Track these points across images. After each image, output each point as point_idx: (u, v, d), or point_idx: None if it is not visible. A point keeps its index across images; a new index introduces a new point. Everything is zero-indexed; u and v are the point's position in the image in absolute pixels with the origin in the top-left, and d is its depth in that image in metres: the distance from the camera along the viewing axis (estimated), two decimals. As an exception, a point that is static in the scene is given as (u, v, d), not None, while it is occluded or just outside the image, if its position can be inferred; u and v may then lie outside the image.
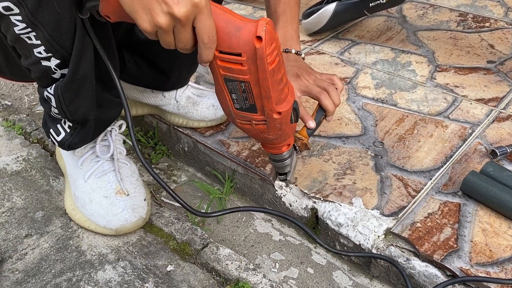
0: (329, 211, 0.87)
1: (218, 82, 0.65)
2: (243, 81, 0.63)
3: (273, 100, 0.65)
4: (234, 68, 0.61)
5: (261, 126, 0.69)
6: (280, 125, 0.70)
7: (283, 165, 0.82)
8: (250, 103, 0.66)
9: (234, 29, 0.59)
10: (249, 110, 0.67)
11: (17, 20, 0.68)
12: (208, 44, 0.59)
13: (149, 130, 1.16)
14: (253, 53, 0.59)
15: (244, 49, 0.59)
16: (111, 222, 0.88)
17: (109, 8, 0.62)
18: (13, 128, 1.17)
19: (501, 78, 1.22)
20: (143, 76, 1.02)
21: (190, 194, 1.03)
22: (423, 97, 1.16)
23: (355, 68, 1.28)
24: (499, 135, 1.03)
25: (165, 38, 0.60)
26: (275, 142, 0.74)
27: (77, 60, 0.74)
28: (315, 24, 1.40)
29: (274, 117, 0.68)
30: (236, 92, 0.65)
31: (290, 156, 0.80)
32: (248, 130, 0.71)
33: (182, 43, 0.60)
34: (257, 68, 0.60)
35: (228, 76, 0.63)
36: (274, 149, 0.77)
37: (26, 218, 0.94)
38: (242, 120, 0.69)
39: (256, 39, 0.58)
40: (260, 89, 0.63)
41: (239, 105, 0.67)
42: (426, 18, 1.54)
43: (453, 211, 0.86)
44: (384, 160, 0.97)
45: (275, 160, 0.81)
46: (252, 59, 0.60)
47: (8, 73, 0.88)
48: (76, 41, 0.72)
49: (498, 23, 1.49)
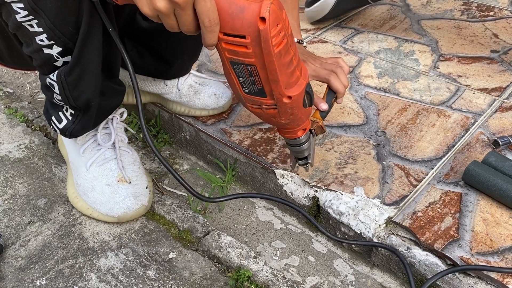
0: (331, 200, 0.88)
1: (225, 65, 0.63)
2: (249, 64, 0.60)
3: (281, 84, 0.63)
4: (239, 51, 0.59)
5: (272, 111, 0.66)
6: (292, 110, 0.67)
7: (301, 150, 0.79)
8: (259, 87, 0.64)
9: (238, 10, 0.56)
10: (258, 94, 0.65)
11: (19, 7, 0.67)
12: (209, 28, 0.57)
13: (151, 118, 1.16)
14: (257, 35, 0.57)
15: (248, 31, 0.57)
16: (113, 209, 0.89)
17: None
18: (15, 116, 1.18)
19: (504, 68, 1.21)
20: (145, 65, 1.02)
21: (192, 183, 1.03)
22: (426, 87, 1.15)
23: (358, 57, 1.27)
24: (502, 125, 1.02)
25: (167, 21, 0.59)
26: (288, 126, 0.71)
27: (83, 44, 0.73)
28: (318, 12, 1.39)
29: (284, 102, 0.65)
30: (243, 75, 0.62)
31: (308, 140, 0.77)
32: (259, 114, 0.68)
33: (185, 26, 0.59)
34: (262, 50, 0.58)
35: (234, 59, 0.61)
36: (290, 133, 0.74)
37: (28, 205, 0.95)
38: (252, 104, 0.67)
39: (259, 20, 0.56)
40: (267, 73, 0.61)
41: (248, 89, 0.65)
42: (430, 7, 1.52)
43: (454, 201, 0.86)
44: (386, 150, 0.97)
45: (292, 145, 0.78)
46: (256, 41, 0.57)
47: (10, 61, 0.88)
48: (83, 26, 0.71)
49: (502, 12, 1.48)
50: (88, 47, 0.74)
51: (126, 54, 0.70)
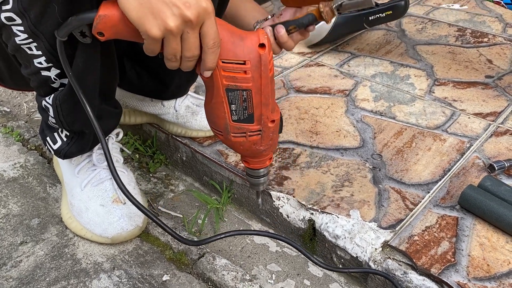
0: (327, 223, 0.87)
1: (218, 94, 0.66)
2: (246, 89, 0.65)
3: (270, 107, 0.68)
4: (238, 77, 0.64)
5: (255, 137, 0.71)
6: (273, 134, 0.72)
7: (258, 182, 0.80)
8: (249, 113, 0.68)
9: (238, 39, 0.63)
10: (246, 120, 0.68)
11: (19, 30, 0.67)
12: (212, 49, 0.60)
13: (147, 139, 1.16)
14: (257, 60, 0.63)
15: (249, 57, 0.63)
16: (107, 230, 0.88)
17: (107, 23, 0.60)
18: (11, 135, 1.17)
19: (499, 93, 1.23)
20: (143, 85, 1.02)
21: (188, 204, 1.03)
22: (421, 111, 1.16)
23: (354, 80, 1.29)
24: (497, 149, 1.03)
25: (172, 45, 0.60)
26: (264, 153, 0.74)
27: (79, 76, 0.72)
28: (315, 36, 1.40)
29: (268, 126, 0.70)
30: (237, 102, 0.66)
31: (267, 174, 0.80)
32: (240, 143, 0.71)
33: (190, 50, 0.60)
34: (261, 74, 0.64)
35: (231, 86, 0.65)
36: (259, 163, 0.76)
37: (21, 225, 0.94)
38: (237, 133, 0.70)
39: (259, 47, 0.62)
40: (261, 97, 0.66)
41: (237, 116, 0.68)
42: (425, 33, 1.55)
43: (450, 225, 0.86)
44: (382, 173, 0.97)
45: (254, 176, 0.79)
46: (256, 66, 0.63)
47: (10, 82, 0.88)
48: (78, 58, 0.71)
49: (496, 39, 1.50)
50: (85, 78, 0.74)
51: (95, 120, 0.70)
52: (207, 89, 0.68)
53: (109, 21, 0.60)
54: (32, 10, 0.65)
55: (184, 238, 0.82)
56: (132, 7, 0.57)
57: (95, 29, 0.61)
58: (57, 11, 0.65)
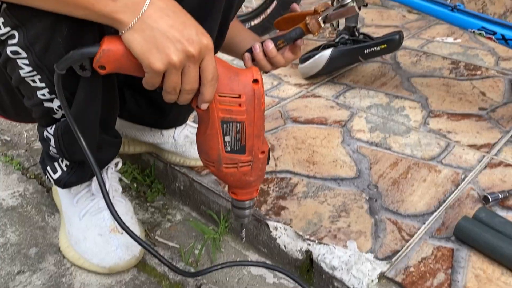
0: (324, 253, 0.88)
1: (213, 126, 0.69)
2: (240, 121, 0.68)
3: (261, 139, 0.71)
4: (233, 109, 0.67)
5: (246, 168, 0.73)
6: (262, 165, 0.74)
7: (244, 214, 0.80)
8: (242, 144, 0.71)
9: (234, 74, 0.67)
10: (239, 151, 0.71)
11: (24, 63, 0.69)
12: (211, 82, 0.63)
13: (146, 168, 1.17)
14: (252, 94, 0.67)
15: (244, 91, 0.67)
16: (105, 260, 0.88)
17: (111, 57, 0.62)
18: (11, 163, 1.18)
19: (492, 125, 1.25)
20: (142, 114, 1.03)
21: (185, 234, 1.03)
22: (416, 142, 1.18)
23: (350, 111, 1.31)
24: (491, 181, 1.04)
25: (173, 78, 0.62)
26: (253, 184, 0.77)
27: (81, 108, 0.74)
28: (311, 68, 1.43)
29: (259, 157, 0.73)
30: (231, 133, 0.69)
31: (253, 206, 0.81)
32: (231, 174, 0.73)
33: (190, 83, 0.63)
34: (254, 107, 0.68)
35: (226, 118, 0.68)
36: (247, 194, 0.78)
37: (19, 254, 0.94)
38: (228, 164, 0.72)
39: (253, 82, 0.67)
40: (254, 128, 0.70)
41: (230, 147, 0.71)
42: (419, 65, 1.58)
43: (446, 256, 0.86)
44: (378, 203, 0.98)
45: (241, 208, 0.79)
46: (250, 100, 0.67)
47: (13, 114, 0.89)
48: (80, 90, 0.73)
49: (489, 72, 1.53)
50: (87, 109, 0.75)
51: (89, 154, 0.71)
52: (201, 121, 0.71)
53: (113, 55, 0.62)
54: (37, 44, 0.67)
55: (180, 269, 0.82)
56: (137, 42, 0.59)
57: (98, 63, 0.63)
58: (61, 45, 0.66)
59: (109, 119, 0.86)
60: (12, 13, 0.64)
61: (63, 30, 0.65)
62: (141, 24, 0.59)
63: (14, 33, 0.66)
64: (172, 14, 0.61)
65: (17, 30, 0.66)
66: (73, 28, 0.65)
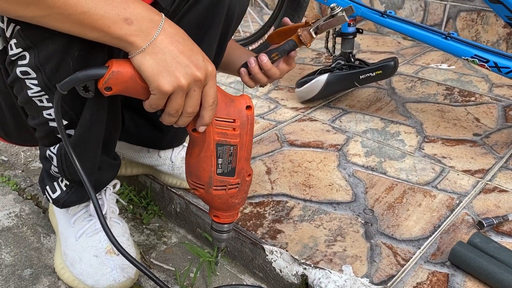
0: (319, 278, 0.88)
1: (208, 148, 0.72)
2: (233, 144, 0.72)
3: (249, 162, 0.76)
4: (228, 133, 0.71)
5: (233, 190, 0.76)
6: (247, 188, 0.78)
7: (224, 238, 0.82)
8: (232, 166, 0.74)
9: (229, 100, 0.71)
10: (229, 174, 0.74)
11: (32, 84, 0.70)
12: (212, 106, 0.67)
13: (142, 189, 1.17)
14: (245, 120, 0.72)
15: (238, 116, 0.71)
16: (100, 281, 0.88)
17: (119, 79, 0.64)
18: (8, 184, 1.18)
19: (486, 151, 1.26)
20: (140, 134, 1.04)
21: (180, 257, 1.03)
22: (411, 167, 1.19)
23: (346, 135, 1.32)
24: (486, 206, 1.05)
25: (178, 100, 0.65)
26: (237, 206, 0.80)
27: (85, 130, 0.76)
28: (307, 92, 1.45)
29: (246, 179, 0.76)
30: (224, 156, 0.72)
31: (232, 230, 0.83)
32: (219, 196, 0.76)
33: (192, 107, 0.66)
34: (247, 132, 0.72)
35: (221, 141, 0.71)
36: (229, 217, 0.80)
37: (13, 275, 0.93)
38: (218, 186, 0.75)
39: (246, 108, 0.71)
40: (244, 152, 0.73)
41: (222, 170, 0.74)
42: (414, 91, 1.60)
43: (441, 281, 0.86)
44: (374, 228, 0.99)
45: (221, 231, 0.82)
46: (243, 125, 0.72)
47: (16, 136, 0.90)
48: (86, 110, 0.74)
49: (483, 98, 1.56)
50: (90, 133, 0.77)
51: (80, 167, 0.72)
52: (194, 144, 0.73)
53: (121, 77, 0.64)
54: (47, 65, 0.68)
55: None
56: (148, 64, 0.62)
57: (106, 84, 0.64)
58: (71, 66, 0.67)
59: (111, 141, 0.87)
60: (26, 34, 0.65)
61: (74, 52, 0.66)
62: (154, 48, 0.62)
63: (25, 54, 0.67)
64: (182, 41, 0.64)
65: (28, 51, 0.67)
66: (84, 50, 0.67)
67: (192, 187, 0.77)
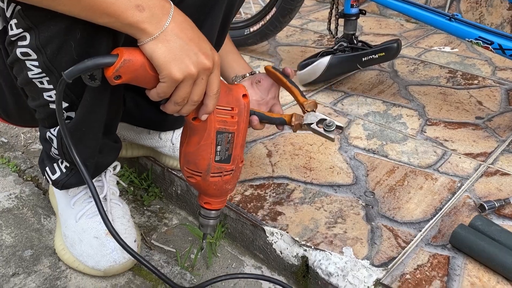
0: (320, 259, 0.88)
1: (209, 136, 0.73)
2: (231, 132, 0.74)
3: (243, 149, 0.78)
4: (228, 121, 0.73)
5: (228, 177, 0.78)
6: (239, 174, 0.80)
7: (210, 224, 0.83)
8: (229, 153, 0.76)
9: (228, 89, 0.73)
10: (226, 160, 0.76)
11: (33, 65, 0.69)
12: (216, 94, 0.68)
13: (143, 171, 1.17)
14: (242, 107, 0.74)
15: (237, 104, 0.73)
16: (100, 263, 0.88)
17: (130, 67, 0.62)
18: (8, 165, 1.18)
19: (489, 134, 1.25)
20: (142, 116, 1.04)
21: (181, 238, 1.03)
22: (413, 150, 1.18)
23: (348, 118, 1.31)
24: (488, 189, 1.05)
25: (186, 88, 0.65)
26: (228, 193, 0.81)
27: (86, 112, 0.75)
28: (309, 75, 1.44)
29: (239, 166, 0.79)
30: (222, 143, 0.74)
31: (219, 217, 0.85)
32: (215, 183, 0.77)
33: (198, 95, 0.66)
34: (243, 119, 0.74)
35: (221, 129, 0.73)
36: (220, 203, 0.82)
37: (14, 256, 0.93)
38: (215, 173, 0.76)
39: (243, 97, 0.74)
40: (241, 139, 0.75)
41: (220, 157, 0.75)
42: (417, 74, 1.59)
43: (442, 264, 0.86)
44: (375, 210, 0.99)
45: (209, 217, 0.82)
46: (241, 112, 0.74)
47: (17, 117, 0.89)
48: (88, 93, 0.73)
49: (486, 81, 1.54)
50: (92, 116, 0.76)
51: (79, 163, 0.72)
52: (194, 132, 0.73)
53: (132, 65, 0.62)
54: (49, 46, 0.67)
55: (175, 283, 0.83)
56: (161, 52, 0.61)
57: (116, 72, 0.62)
58: (73, 48, 0.66)
59: (112, 123, 0.87)
60: (27, 14, 0.64)
61: (76, 34, 0.65)
62: (166, 35, 0.62)
63: (25, 34, 0.66)
64: (190, 28, 0.64)
65: (29, 32, 0.66)
66: (87, 32, 0.65)
67: (188, 175, 0.77)
